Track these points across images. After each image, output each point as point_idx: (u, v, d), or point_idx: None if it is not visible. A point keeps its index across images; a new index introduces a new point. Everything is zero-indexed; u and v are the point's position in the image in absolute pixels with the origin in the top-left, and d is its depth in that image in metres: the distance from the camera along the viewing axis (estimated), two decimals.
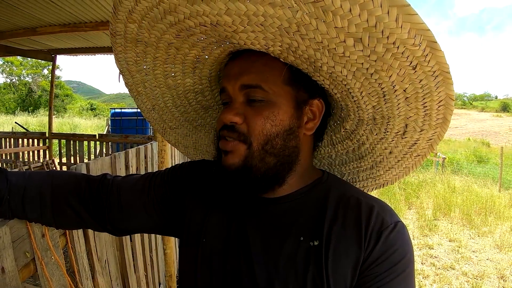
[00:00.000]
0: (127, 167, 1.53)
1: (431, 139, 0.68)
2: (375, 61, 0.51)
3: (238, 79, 0.64)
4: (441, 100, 0.58)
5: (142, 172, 1.84)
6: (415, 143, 0.70)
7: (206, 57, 0.70)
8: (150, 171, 2.02)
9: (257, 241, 0.66)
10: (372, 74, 0.54)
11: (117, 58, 0.72)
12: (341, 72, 0.56)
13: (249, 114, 0.63)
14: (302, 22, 0.47)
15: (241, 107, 0.64)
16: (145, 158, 1.87)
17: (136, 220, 0.82)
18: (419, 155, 0.73)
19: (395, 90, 0.57)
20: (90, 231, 1.22)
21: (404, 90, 0.56)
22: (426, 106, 0.59)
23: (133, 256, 1.75)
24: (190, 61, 0.71)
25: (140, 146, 1.78)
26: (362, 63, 0.52)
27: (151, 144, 2.03)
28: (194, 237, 0.73)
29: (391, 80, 0.54)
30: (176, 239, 2.56)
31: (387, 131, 0.69)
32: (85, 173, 1.11)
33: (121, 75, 0.77)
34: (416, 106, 0.60)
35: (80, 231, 1.17)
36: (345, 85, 0.60)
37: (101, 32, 5.21)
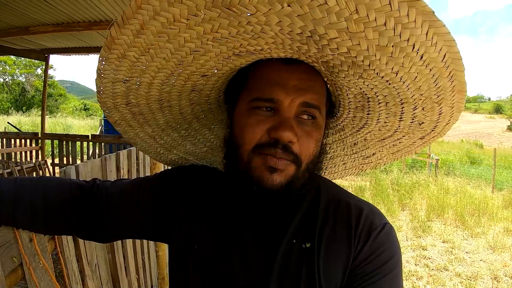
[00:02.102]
0: (118, 169, 1.51)
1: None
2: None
3: (302, 95, 0.61)
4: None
5: (134, 174, 1.82)
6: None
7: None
8: (142, 173, 2.00)
9: (252, 244, 0.66)
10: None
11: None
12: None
13: (301, 134, 0.61)
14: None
15: (295, 125, 0.61)
16: (136, 160, 1.84)
17: (125, 226, 0.80)
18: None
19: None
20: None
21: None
22: (442, 112, 0.62)
23: (124, 259, 1.73)
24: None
25: (131, 148, 1.75)
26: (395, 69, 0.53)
27: None
28: (185, 243, 0.71)
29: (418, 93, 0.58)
30: None
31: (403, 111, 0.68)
32: (75, 177, 1.09)
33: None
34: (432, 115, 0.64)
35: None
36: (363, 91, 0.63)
37: (94, 32, 5.18)
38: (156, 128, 0.80)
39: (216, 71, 0.62)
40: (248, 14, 0.44)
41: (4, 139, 7.12)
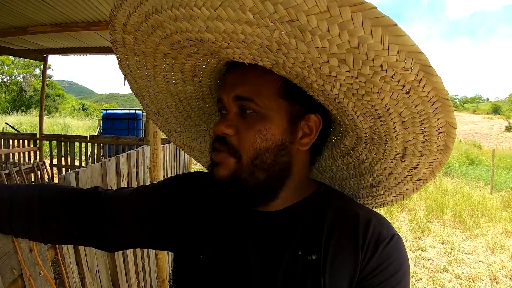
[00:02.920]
0: (118, 173, 1.49)
1: (432, 165, 0.66)
2: (364, 83, 0.48)
3: (233, 90, 0.63)
4: (441, 127, 0.55)
5: (133, 178, 1.80)
6: (415, 167, 0.67)
7: (204, 66, 0.69)
8: (142, 176, 1.98)
9: (254, 256, 0.65)
10: (363, 95, 0.51)
11: (120, 65, 0.73)
12: (331, 90, 0.53)
13: (241, 126, 0.63)
14: (282, 41, 0.44)
15: (234, 119, 0.63)
16: (136, 163, 1.82)
17: (129, 235, 0.79)
18: (419, 179, 0.70)
19: (390, 113, 0.54)
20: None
21: (400, 114, 0.53)
22: (425, 132, 0.57)
23: (124, 263, 1.71)
24: (188, 70, 0.70)
25: (131, 151, 1.73)
26: (351, 84, 0.49)
27: (143, 148, 1.98)
28: (190, 252, 0.71)
29: (383, 103, 0.51)
30: None
31: (386, 152, 0.66)
32: (75, 183, 1.08)
33: (126, 80, 0.78)
34: (414, 131, 0.58)
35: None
36: (338, 103, 0.57)
37: (93, 32, 5.16)
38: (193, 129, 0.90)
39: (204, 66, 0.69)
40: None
41: (2, 140, 7.07)
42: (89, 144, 6.94)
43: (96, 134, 11.40)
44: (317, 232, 0.64)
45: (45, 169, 6.48)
